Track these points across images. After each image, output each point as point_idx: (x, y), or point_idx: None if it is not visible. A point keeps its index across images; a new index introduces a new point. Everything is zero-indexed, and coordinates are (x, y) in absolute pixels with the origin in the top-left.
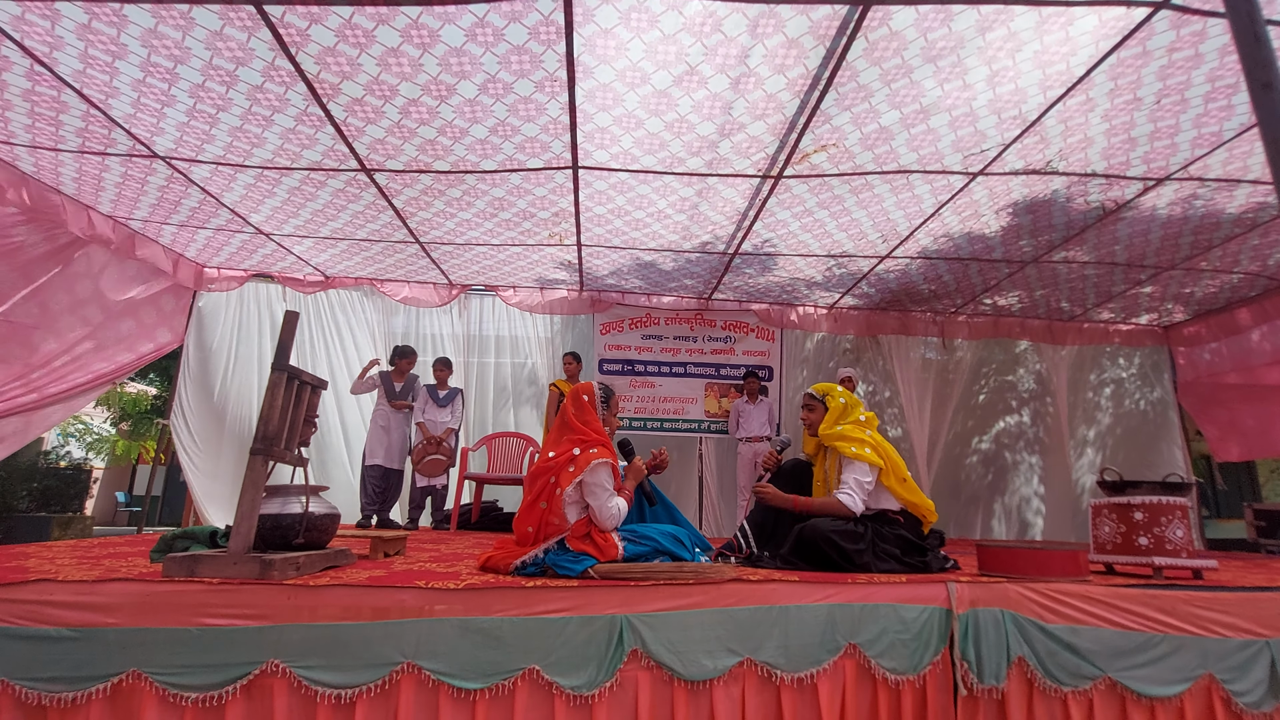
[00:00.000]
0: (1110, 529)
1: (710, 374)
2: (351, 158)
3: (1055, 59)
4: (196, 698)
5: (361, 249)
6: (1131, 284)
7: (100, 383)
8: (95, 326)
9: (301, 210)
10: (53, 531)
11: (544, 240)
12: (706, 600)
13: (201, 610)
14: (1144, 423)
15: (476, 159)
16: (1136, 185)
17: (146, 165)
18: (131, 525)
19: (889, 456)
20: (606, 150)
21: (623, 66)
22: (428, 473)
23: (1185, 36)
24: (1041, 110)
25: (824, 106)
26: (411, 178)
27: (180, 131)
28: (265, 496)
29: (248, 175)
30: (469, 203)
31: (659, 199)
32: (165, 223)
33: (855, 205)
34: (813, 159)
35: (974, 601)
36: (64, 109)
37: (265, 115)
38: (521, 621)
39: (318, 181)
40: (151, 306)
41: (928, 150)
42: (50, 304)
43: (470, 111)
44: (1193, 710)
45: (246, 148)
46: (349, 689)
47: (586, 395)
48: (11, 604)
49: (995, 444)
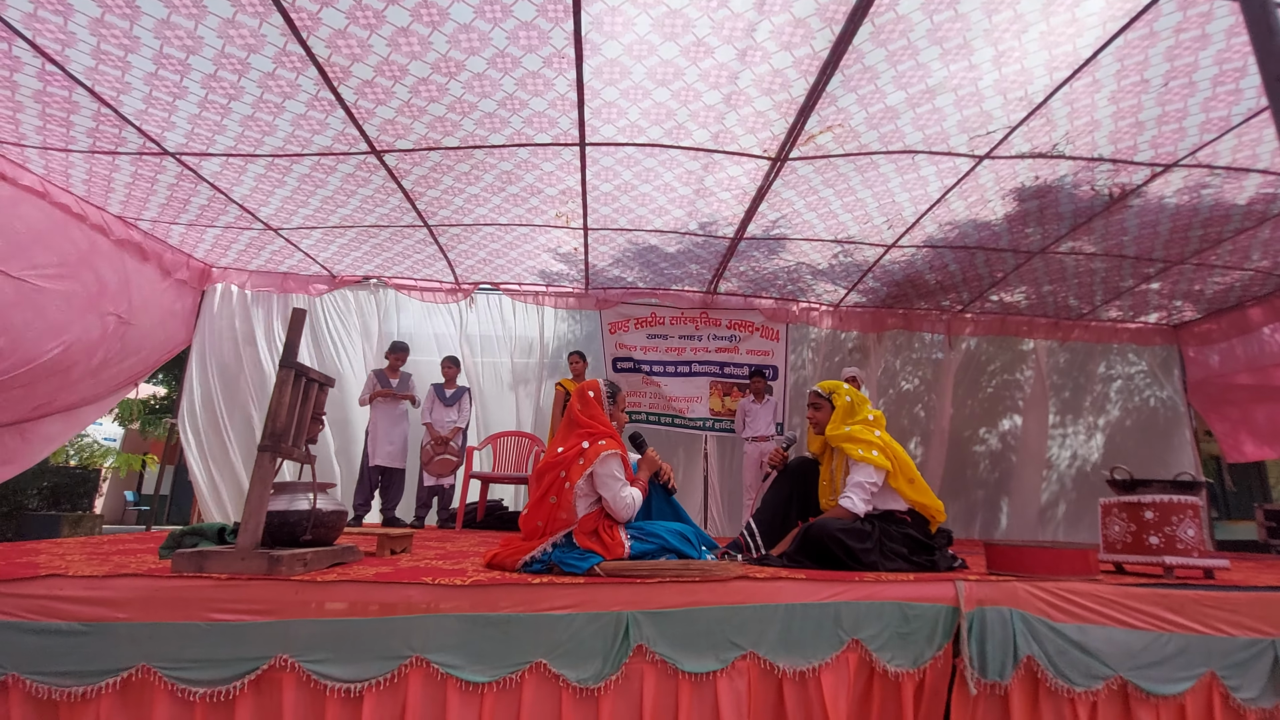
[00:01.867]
0: (1120, 528)
1: (715, 373)
2: (361, 140)
3: (1062, 40)
4: (205, 692)
5: (369, 237)
6: (1140, 279)
7: (121, 386)
8: (108, 332)
9: (311, 198)
10: (62, 529)
11: (551, 221)
12: (713, 598)
13: (210, 605)
14: (1153, 422)
15: (485, 133)
16: (1144, 171)
17: (156, 163)
18: (140, 524)
19: (897, 457)
20: (614, 124)
21: (630, 41)
22: (437, 472)
23: (1192, 17)
24: (1048, 92)
25: (830, 88)
26: (421, 156)
27: (191, 124)
28: (273, 493)
29: (258, 165)
30: (477, 176)
31: (665, 171)
32: (174, 222)
33: (860, 185)
34: (818, 139)
35: (981, 600)
36: (75, 109)
37: (276, 102)
38: (529, 617)
39: (328, 167)
40: (159, 307)
41: (933, 130)
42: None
43: (479, 86)
44: (1193, 707)
45: (258, 136)
46: (357, 683)
47: (592, 392)
48: (23, 599)
49: (1000, 442)
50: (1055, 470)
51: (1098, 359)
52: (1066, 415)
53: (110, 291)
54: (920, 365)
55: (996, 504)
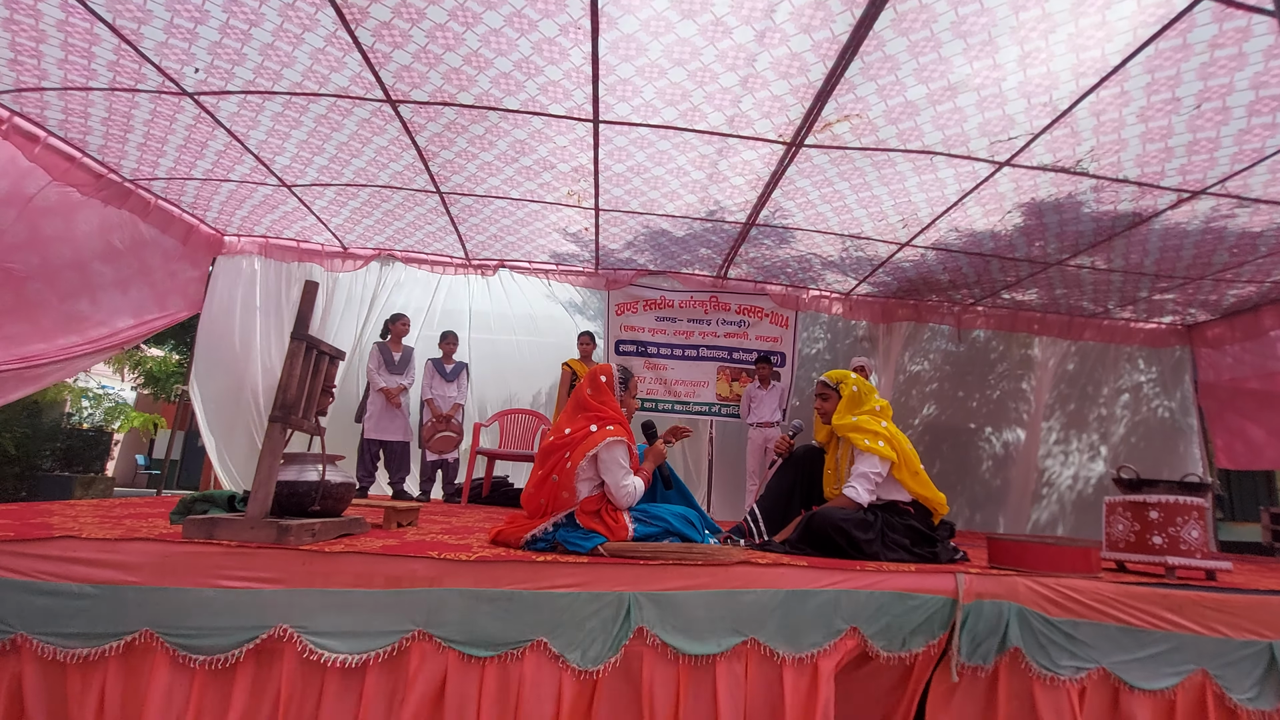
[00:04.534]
0: (1124, 527)
1: (723, 358)
2: (377, 86)
3: (1090, 44)
4: (205, 660)
5: (382, 201)
6: (1157, 290)
7: (105, 347)
8: (99, 288)
9: (326, 144)
10: (75, 491)
11: (562, 199)
12: (714, 582)
13: (218, 572)
14: (1162, 422)
15: (500, 94)
16: (1170, 196)
17: (175, 103)
18: (151, 488)
19: (902, 449)
20: (628, 103)
21: (647, 16)
22: (438, 449)
23: (1229, 32)
24: (1074, 99)
25: (849, 75)
26: (435, 110)
27: (212, 55)
28: (283, 464)
29: (275, 104)
30: (491, 142)
31: (678, 154)
32: (188, 177)
33: (877, 181)
34: (835, 128)
35: (981, 593)
36: (96, 40)
37: (295, 33)
38: (531, 594)
39: (344, 110)
40: (165, 273)
41: (953, 131)
42: (52, 258)
43: (495, 42)
44: (1184, 704)
45: (276, 68)
46: (359, 655)
47: (605, 376)
48: (37, 559)
49: (1005, 441)
50: (1057, 469)
51: (1107, 367)
52: (1072, 417)
53: (103, 245)
54: (929, 357)
55: (998, 500)
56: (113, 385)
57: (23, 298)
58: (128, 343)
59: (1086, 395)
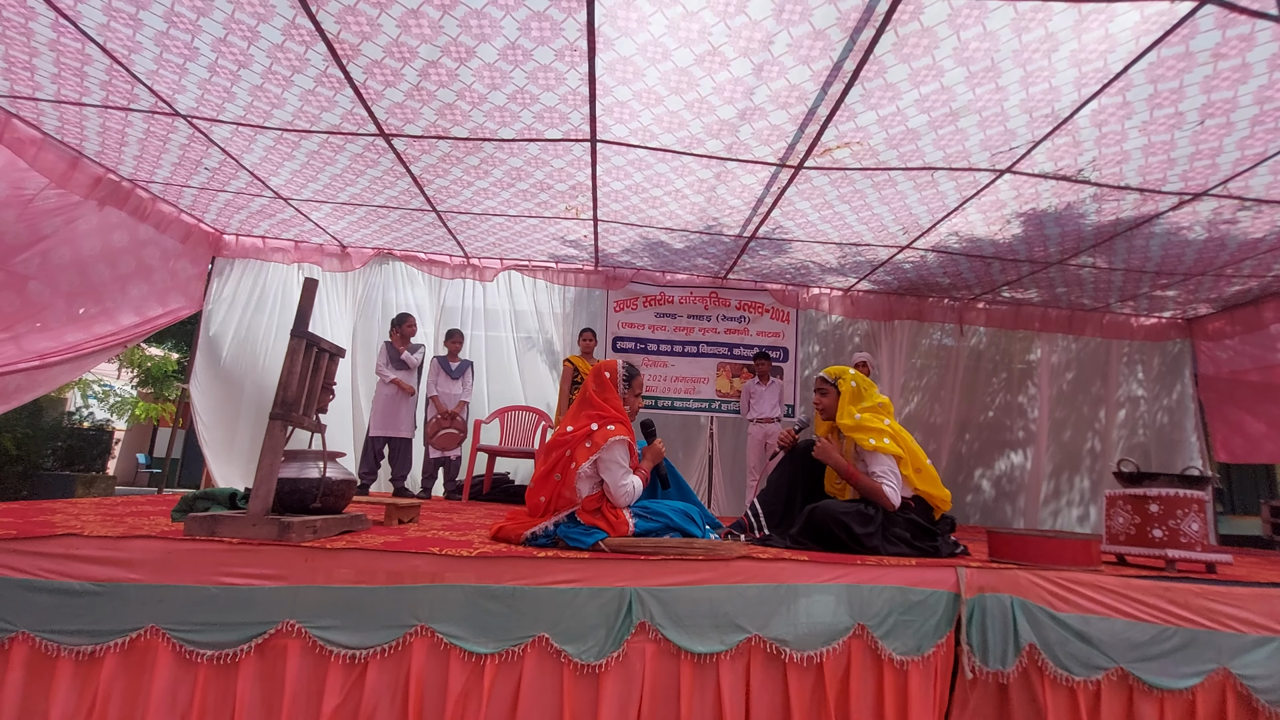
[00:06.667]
0: (1124, 520)
1: (723, 354)
2: (370, 122)
3: (1093, 57)
4: (212, 655)
5: (379, 216)
6: (1158, 287)
7: (111, 345)
8: (99, 286)
9: (320, 174)
10: (76, 489)
11: (561, 214)
12: (716, 577)
13: (220, 569)
14: (1162, 415)
15: (495, 126)
16: (1171, 199)
17: (168, 123)
18: (152, 486)
19: (907, 445)
20: (625, 125)
21: (644, 40)
22: (442, 446)
23: (1231, 40)
24: (1075, 106)
25: (848, 101)
26: (429, 144)
27: (202, 89)
28: (284, 461)
29: (267, 137)
30: (486, 171)
31: (677, 179)
32: (186, 185)
33: (877, 201)
34: (835, 154)
35: (983, 587)
36: (88, 61)
37: (285, 75)
38: (532, 590)
39: (336, 145)
40: (165, 271)
41: (954, 149)
42: (53, 258)
43: (489, 77)
44: (1204, 704)
45: (266, 108)
46: (362, 650)
47: (609, 373)
48: (39, 556)
49: (1006, 439)
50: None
51: (1108, 362)
52: (1074, 412)
53: (102, 245)
54: (930, 353)
55: (999, 496)
56: (113, 384)
57: (27, 298)
58: (132, 340)
59: (1088, 391)
